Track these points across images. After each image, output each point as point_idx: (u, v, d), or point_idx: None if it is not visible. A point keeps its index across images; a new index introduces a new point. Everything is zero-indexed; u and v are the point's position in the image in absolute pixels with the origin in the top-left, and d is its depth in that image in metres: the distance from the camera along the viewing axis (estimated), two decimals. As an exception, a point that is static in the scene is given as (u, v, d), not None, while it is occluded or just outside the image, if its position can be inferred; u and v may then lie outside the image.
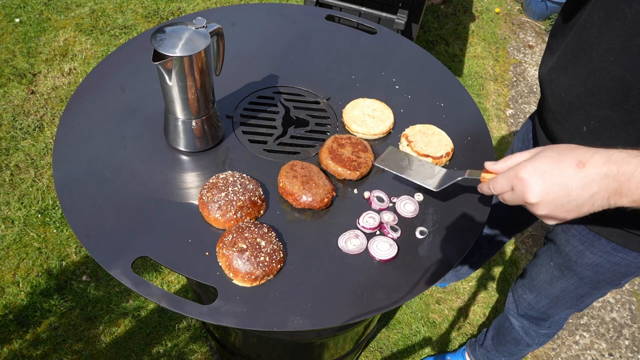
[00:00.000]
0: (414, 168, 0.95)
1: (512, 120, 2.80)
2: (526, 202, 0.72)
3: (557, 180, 0.68)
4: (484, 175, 0.84)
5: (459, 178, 0.90)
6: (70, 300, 1.80)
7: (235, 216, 0.87)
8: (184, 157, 1.00)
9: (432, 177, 0.93)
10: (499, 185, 0.76)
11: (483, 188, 0.82)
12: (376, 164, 0.96)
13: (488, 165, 0.83)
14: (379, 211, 0.95)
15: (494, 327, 1.59)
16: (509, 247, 2.23)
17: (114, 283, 1.85)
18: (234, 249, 0.81)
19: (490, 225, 1.55)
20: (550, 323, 1.35)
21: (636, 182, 0.65)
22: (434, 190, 0.90)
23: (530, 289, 1.32)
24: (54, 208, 2.04)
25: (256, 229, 0.85)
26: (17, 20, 2.79)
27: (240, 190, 0.88)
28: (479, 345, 1.67)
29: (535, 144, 1.22)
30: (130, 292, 1.85)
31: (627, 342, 1.99)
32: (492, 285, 2.09)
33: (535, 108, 1.22)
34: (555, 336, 1.95)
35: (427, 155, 1.01)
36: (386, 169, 0.94)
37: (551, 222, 0.74)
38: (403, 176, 0.93)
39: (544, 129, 1.10)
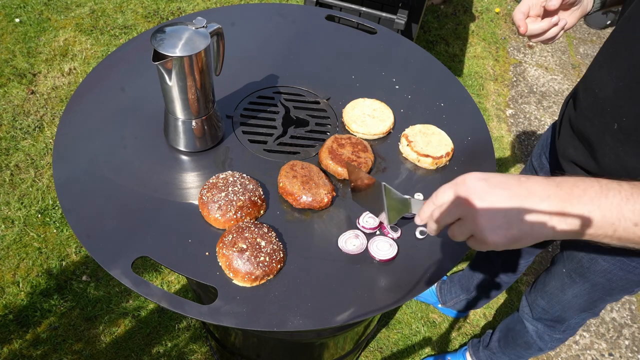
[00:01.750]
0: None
1: (512, 120, 2.80)
2: (470, 214, 0.64)
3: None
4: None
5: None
6: (70, 300, 1.80)
7: (235, 216, 0.87)
8: (184, 157, 1.00)
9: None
10: (440, 193, 0.68)
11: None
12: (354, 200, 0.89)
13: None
14: (379, 211, 0.95)
15: (501, 329, 1.57)
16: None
17: (114, 283, 1.85)
18: (234, 249, 0.81)
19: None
20: (566, 327, 1.34)
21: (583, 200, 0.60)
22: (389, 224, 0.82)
23: (542, 295, 1.31)
24: (54, 208, 2.04)
25: (256, 229, 0.85)
26: (17, 20, 2.79)
27: (240, 190, 0.88)
28: (484, 347, 1.66)
29: (553, 151, 1.21)
30: (130, 292, 1.85)
31: (627, 342, 1.99)
32: (492, 285, 2.09)
33: (535, 108, 1.22)
34: (555, 336, 1.96)
35: (427, 155, 1.02)
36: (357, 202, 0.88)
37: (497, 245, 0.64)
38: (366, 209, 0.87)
39: (572, 129, 1.07)
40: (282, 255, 0.84)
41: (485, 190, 0.63)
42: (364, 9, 2.12)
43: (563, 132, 1.12)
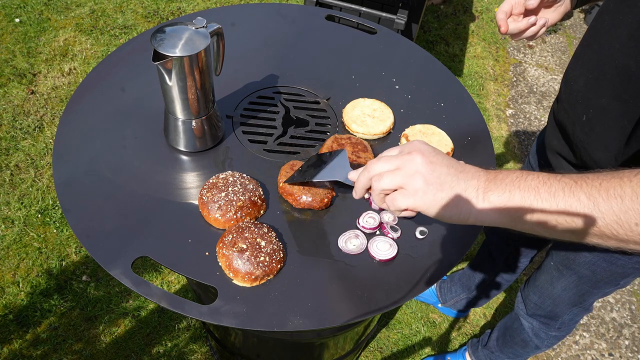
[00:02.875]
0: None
1: (512, 120, 2.80)
2: (403, 180, 0.66)
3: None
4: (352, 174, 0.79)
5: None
6: (70, 300, 1.80)
7: (235, 216, 0.87)
8: (184, 157, 1.00)
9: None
10: (377, 160, 0.72)
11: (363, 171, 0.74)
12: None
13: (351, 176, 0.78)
14: (379, 211, 0.95)
15: (500, 328, 1.58)
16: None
17: (114, 283, 1.85)
18: (234, 249, 0.81)
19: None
20: (560, 324, 1.35)
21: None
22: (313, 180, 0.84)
23: (534, 290, 1.33)
24: (54, 208, 2.04)
25: (256, 229, 0.85)
26: (17, 20, 2.79)
27: (240, 190, 0.88)
28: (482, 346, 1.66)
29: (543, 145, 1.22)
30: (130, 292, 1.85)
31: (627, 342, 1.99)
32: (492, 285, 2.09)
33: (535, 108, 1.23)
34: (555, 336, 1.96)
35: (427, 155, 1.01)
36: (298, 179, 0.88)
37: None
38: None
39: (555, 120, 1.10)
40: (282, 255, 0.84)
41: (430, 152, 0.67)
42: (364, 9, 2.12)
43: (549, 124, 1.15)
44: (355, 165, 0.98)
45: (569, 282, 1.19)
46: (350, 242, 0.89)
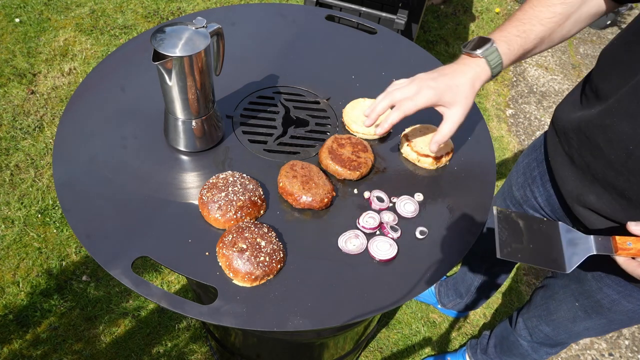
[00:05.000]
0: (536, 245, 0.79)
1: (512, 120, 2.80)
2: None
3: None
4: (621, 252, 0.69)
5: (588, 255, 0.76)
6: (70, 300, 1.80)
7: (235, 216, 0.87)
8: (184, 157, 1.00)
9: (559, 257, 0.78)
10: None
11: (634, 270, 0.70)
12: (502, 257, 0.79)
13: (635, 229, 0.69)
14: (379, 211, 0.95)
15: (497, 336, 1.55)
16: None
17: (114, 283, 1.85)
18: (234, 249, 0.81)
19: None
20: (564, 347, 1.33)
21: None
22: (567, 272, 0.78)
23: (548, 322, 1.25)
24: (54, 208, 2.04)
25: (256, 229, 0.85)
26: (17, 20, 2.79)
27: (240, 190, 0.88)
28: (481, 352, 1.65)
29: (549, 182, 1.11)
30: (130, 292, 1.85)
31: (627, 342, 1.99)
32: (492, 285, 2.09)
33: (535, 108, 1.19)
34: (555, 336, 1.95)
35: (427, 156, 1.01)
36: (516, 261, 0.80)
37: None
38: (534, 266, 0.80)
39: (584, 174, 0.96)
40: (282, 255, 0.84)
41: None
42: (364, 9, 2.12)
43: (561, 175, 1.03)
44: (354, 165, 0.98)
45: (597, 324, 1.11)
46: (350, 242, 0.89)
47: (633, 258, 0.75)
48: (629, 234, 0.76)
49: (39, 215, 2.01)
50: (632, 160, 0.83)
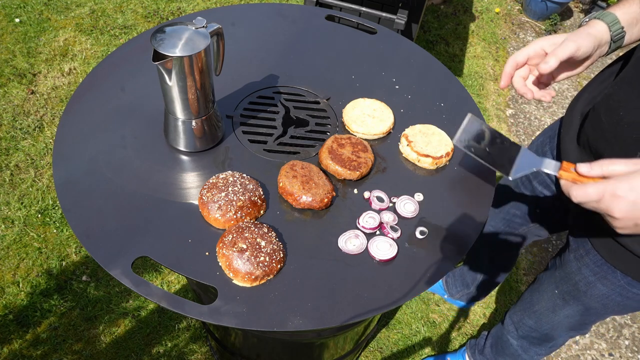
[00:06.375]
0: (492, 149, 0.85)
1: (512, 120, 2.80)
2: (609, 215, 0.71)
3: None
4: (563, 173, 0.77)
5: (534, 169, 0.81)
6: (70, 300, 1.80)
7: (235, 216, 0.87)
8: (184, 157, 1.00)
9: (509, 163, 0.83)
10: (585, 195, 0.71)
11: (569, 190, 0.75)
12: (456, 144, 0.86)
13: (582, 169, 0.74)
14: (379, 211, 0.95)
15: (493, 336, 1.57)
16: (509, 247, 2.23)
17: (114, 283, 1.85)
18: (234, 249, 0.81)
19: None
20: (553, 345, 1.34)
21: None
22: (510, 178, 0.83)
23: (530, 315, 1.29)
24: (54, 208, 2.04)
25: (256, 229, 0.85)
26: (17, 20, 2.79)
27: (240, 190, 0.88)
28: (479, 353, 1.66)
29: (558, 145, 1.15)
30: (130, 292, 1.85)
31: (627, 342, 1.99)
32: (492, 285, 2.09)
33: (535, 108, 1.20)
34: (555, 336, 1.95)
35: (427, 155, 1.02)
36: (466, 151, 0.86)
37: (623, 232, 0.73)
38: (481, 161, 0.85)
39: (583, 147, 1.01)
40: (282, 255, 0.84)
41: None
42: (364, 9, 2.12)
43: (567, 149, 1.07)
44: (354, 165, 0.98)
45: (574, 312, 1.15)
46: (350, 242, 0.89)
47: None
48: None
49: (39, 215, 2.01)
50: (620, 126, 0.86)
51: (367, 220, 0.92)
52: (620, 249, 0.95)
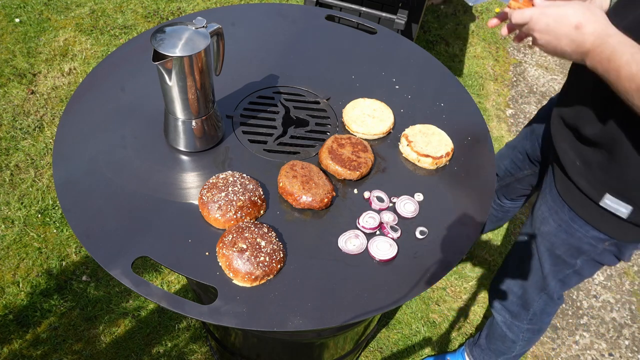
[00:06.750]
0: None
1: (512, 120, 2.80)
2: (532, 30, 0.86)
3: (556, 33, 0.83)
4: (513, 2, 0.90)
5: None
6: (70, 300, 1.80)
7: (235, 216, 0.87)
8: (184, 157, 1.00)
9: None
10: (521, 16, 0.87)
11: (511, 16, 0.90)
12: None
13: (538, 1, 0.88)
14: (379, 211, 0.95)
15: (487, 325, 1.61)
16: (509, 248, 2.23)
17: (114, 283, 1.85)
18: (234, 249, 0.81)
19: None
20: (532, 316, 1.37)
21: (606, 53, 0.79)
22: (470, 4, 0.94)
23: (502, 277, 1.39)
24: (54, 208, 2.04)
25: (256, 229, 0.85)
26: (17, 20, 2.79)
27: (240, 190, 0.89)
28: (475, 344, 1.69)
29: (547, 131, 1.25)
30: (130, 292, 1.85)
31: (627, 342, 1.99)
32: (492, 285, 2.09)
33: (535, 108, 1.23)
34: (555, 336, 1.96)
35: (427, 155, 1.02)
36: None
37: (544, 50, 0.88)
38: None
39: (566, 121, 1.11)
40: (282, 255, 0.84)
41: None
42: (364, 9, 2.12)
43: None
44: (354, 165, 0.98)
45: (534, 264, 1.25)
46: (350, 242, 0.89)
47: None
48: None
49: (39, 215, 2.01)
50: (593, 93, 0.97)
51: (367, 220, 0.92)
52: (572, 185, 1.08)
